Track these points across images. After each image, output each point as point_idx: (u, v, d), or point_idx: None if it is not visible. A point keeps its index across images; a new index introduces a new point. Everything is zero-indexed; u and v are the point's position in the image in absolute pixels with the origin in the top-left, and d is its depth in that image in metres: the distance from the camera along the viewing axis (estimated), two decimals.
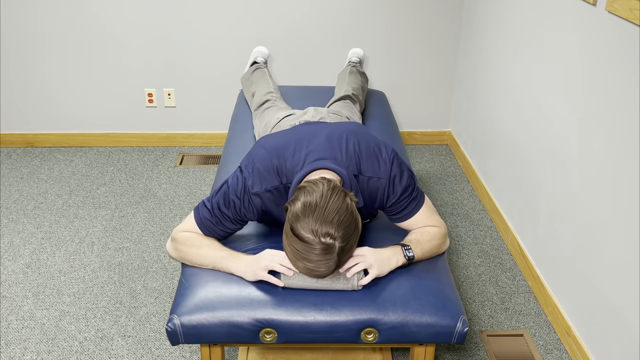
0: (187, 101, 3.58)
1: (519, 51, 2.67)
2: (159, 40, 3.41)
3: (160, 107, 3.59)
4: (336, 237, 1.45)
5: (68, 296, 2.43)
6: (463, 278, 2.56)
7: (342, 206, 1.47)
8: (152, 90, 3.54)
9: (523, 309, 2.40)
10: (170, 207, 3.04)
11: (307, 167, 1.63)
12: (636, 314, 1.81)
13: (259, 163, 1.67)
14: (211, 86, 3.54)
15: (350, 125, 1.78)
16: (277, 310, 1.53)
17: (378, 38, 3.46)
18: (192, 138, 3.67)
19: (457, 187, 3.28)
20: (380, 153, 1.70)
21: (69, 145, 3.64)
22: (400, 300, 1.56)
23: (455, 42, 3.51)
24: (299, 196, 1.50)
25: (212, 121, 3.64)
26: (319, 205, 1.46)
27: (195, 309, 1.54)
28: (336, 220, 1.45)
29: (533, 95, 2.53)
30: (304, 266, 1.49)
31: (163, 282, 2.51)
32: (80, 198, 3.11)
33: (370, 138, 1.73)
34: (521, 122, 2.65)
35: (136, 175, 3.35)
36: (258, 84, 2.73)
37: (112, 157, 3.53)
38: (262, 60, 2.98)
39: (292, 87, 2.95)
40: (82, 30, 3.36)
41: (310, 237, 1.44)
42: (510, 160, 2.78)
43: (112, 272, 2.57)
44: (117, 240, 2.78)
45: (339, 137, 1.71)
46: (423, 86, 3.62)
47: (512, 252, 2.72)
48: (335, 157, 1.66)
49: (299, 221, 1.45)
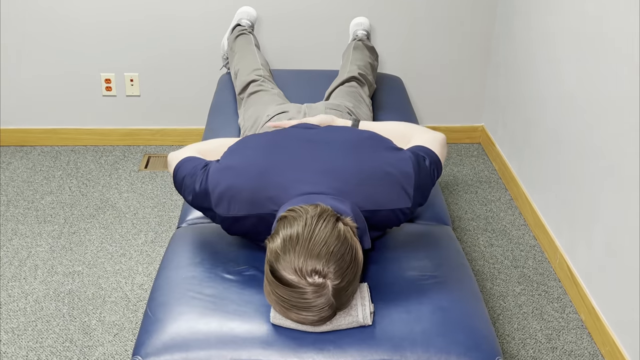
0: (154, 89, 3.59)
1: (573, 27, 2.68)
2: (119, 14, 3.41)
3: (121, 96, 3.60)
4: (326, 274, 1.44)
5: (5, 332, 2.42)
6: (500, 310, 2.56)
7: (332, 234, 1.47)
8: (110, 75, 3.55)
9: (574, 349, 2.40)
10: (133, 221, 3.05)
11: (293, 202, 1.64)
12: None
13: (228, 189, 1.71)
14: (184, 69, 3.55)
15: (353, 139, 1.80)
16: (267, 349, 1.53)
17: (392, 7, 3.47)
18: (161, 135, 3.68)
19: (492, 197, 3.28)
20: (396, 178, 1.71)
21: (6, 144, 3.64)
22: (421, 338, 1.55)
23: (492, 15, 3.52)
24: (278, 229, 1.51)
25: (185, 113, 3.65)
26: (301, 237, 1.46)
27: (164, 348, 1.54)
28: (325, 252, 1.44)
29: (590, 85, 2.54)
30: (296, 316, 1.50)
31: (124, 314, 2.51)
32: (20, 210, 3.11)
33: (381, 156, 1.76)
34: (574, 117, 2.66)
35: (90, 181, 3.35)
36: (242, 58, 2.73)
37: (60, 159, 3.54)
38: (248, 24, 2.98)
39: (286, 70, 2.96)
40: (22, 3, 3.36)
41: (294, 278, 1.44)
42: (559, 164, 2.79)
43: (61, 302, 2.57)
44: (66, 262, 2.78)
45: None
46: (450, 71, 3.63)
47: (560, 278, 2.72)
48: (333, 188, 1.67)
49: (279, 261, 1.45)
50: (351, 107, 2.38)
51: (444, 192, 3.29)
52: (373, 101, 2.72)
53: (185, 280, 1.71)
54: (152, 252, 2.85)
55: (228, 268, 1.75)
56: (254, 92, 2.53)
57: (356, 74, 2.61)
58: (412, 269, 1.76)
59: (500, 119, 3.48)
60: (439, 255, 1.83)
